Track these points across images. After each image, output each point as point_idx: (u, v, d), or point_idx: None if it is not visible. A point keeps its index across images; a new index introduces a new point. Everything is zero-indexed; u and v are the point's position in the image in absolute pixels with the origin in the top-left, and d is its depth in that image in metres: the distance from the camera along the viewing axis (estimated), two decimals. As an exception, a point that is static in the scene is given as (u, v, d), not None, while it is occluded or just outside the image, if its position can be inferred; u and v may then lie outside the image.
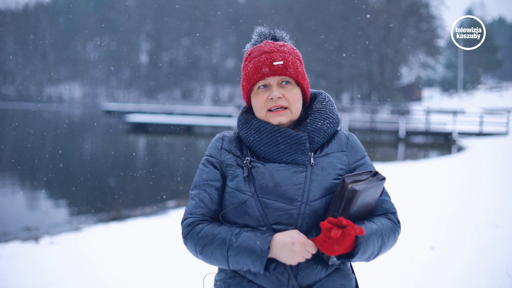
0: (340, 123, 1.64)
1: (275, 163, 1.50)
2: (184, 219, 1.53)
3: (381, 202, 1.54)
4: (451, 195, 8.10)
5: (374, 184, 1.45)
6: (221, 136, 1.62)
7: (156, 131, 28.39)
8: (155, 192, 11.59)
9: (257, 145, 1.52)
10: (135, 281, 4.44)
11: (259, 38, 1.63)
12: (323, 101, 1.62)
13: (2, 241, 6.46)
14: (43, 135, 27.29)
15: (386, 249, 1.49)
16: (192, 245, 1.48)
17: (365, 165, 1.58)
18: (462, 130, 23.29)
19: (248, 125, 1.56)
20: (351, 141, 1.61)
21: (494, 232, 5.54)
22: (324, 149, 1.55)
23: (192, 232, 1.48)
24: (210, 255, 1.44)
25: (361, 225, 1.43)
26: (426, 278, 4.15)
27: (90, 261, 5.15)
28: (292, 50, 1.58)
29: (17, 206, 10.23)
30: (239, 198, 1.48)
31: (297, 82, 1.55)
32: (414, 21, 44.28)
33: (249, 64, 1.56)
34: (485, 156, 14.78)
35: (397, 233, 1.53)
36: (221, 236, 1.43)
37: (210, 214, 1.52)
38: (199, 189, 1.54)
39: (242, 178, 1.49)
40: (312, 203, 1.45)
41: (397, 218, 1.56)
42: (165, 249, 5.58)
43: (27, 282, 4.45)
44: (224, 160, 1.55)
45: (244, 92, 1.60)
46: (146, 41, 73.29)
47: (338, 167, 1.53)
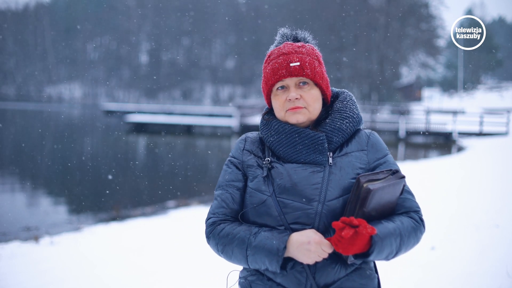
0: (361, 122, 1.64)
1: (294, 163, 1.52)
2: (207, 218, 1.58)
3: (402, 200, 1.54)
4: (451, 195, 8.10)
5: (392, 183, 1.44)
6: (244, 137, 1.66)
7: (156, 131, 28.38)
8: (155, 192, 11.59)
9: (276, 146, 1.55)
10: (135, 281, 4.44)
11: (281, 39, 1.66)
12: (344, 101, 1.63)
13: (2, 241, 6.45)
14: (43, 135, 27.29)
15: (406, 248, 1.49)
16: (214, 244, 1.53)
17: (386, 163, 1.57)
18: (462, 130, 23.29)
19: (268, 127, 1.59)
20: (371, 140, 1.61)
21: (494, 232, 5.54)
22: (343, 148, 1.56)
23: (214, 232, 1.53)
24: (231, 254, 1.49)
25: (378, 224, 1.42)
26: (426, 278, 4.15)
27: (90, 261, 5.15)
28: (311, 51, 1.59)
29: (17, 206, 10.22)
30: (258, 198, 1.51)
31: (315, 82, 1.56)
32: (414, 21, 44.26)
33: (267, 66, 1.59)
34: (485, 156, 14.78)
35: (419, 231, 1.52)
36: (241, 235, 1.47)
37: (232, 214, 1.56)
38: (222, 190, 1.59)
39: (262, 179, 1.53)
40: (329, 203, 1.46)
41: (420, 216, 1.55)
42: (165, 249, 5.59)
43: (27, 282, 4.45)
44: (246, 161, 1.59)
45: (264, 94, 1.64)
46: (146, 41, 73.31)
47: (357, 166, 1.53)
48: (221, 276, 4.70)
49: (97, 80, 72.72)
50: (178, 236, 6.30)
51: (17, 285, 4.37)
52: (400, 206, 1.54)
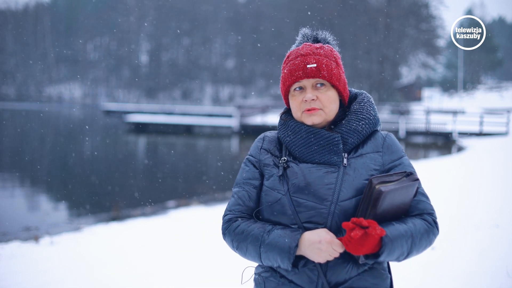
0: (378, 123, 1.65)
1: (309, 163, 1.55)
2: (224, 215, 1.62)
3: (416, 202, 1.55)
4: (451, 195, 8.10)
5: (405, 185, 1.45)
6: (263, 136, 1.69)
7: (156, 131, 28.38)
8: (155, 192, 11.60)
9: (292, 146, 1.58)
10: (135, 281, 4.44)
11: (301, 39, 1.68)
12: (361, 102, 1.64)
13: (2, 241, 6.46)
14: (43, 135, 27.29)
15: (418, 249, 1.50)
16: (229, 240, 1.57)
17: (401, 165, 1.58)
18: (462, 130, 23.27)
19: (285, 126, 1.62)
20: (387, 142, 1.61)
21: (494, 232, 5.54)
22: (358, 150, 1.57)
23: (229, 228, 1.56)
24: (245, 251, 1.52)
25: (389, 226, 1.44)
26: (426, 278, 4.15)
27: (90, 261, 5.15)
28: (329, 52, 1.61)
29: (17, 206, 10.23)
30: (273, 196, 1.54)
31: (331, 84, 1.58)
32: (414, 21, 44.27)
33: (286, 67, 1.62)
34: (485, 156, 14.77)
35: (432, 234, 1.52)
36: (255, 233, 1.50)
37: (248, 211, 1.59)
38: (239, 187, 1.63)
39: (277, 178, 1.56)
40: (342, 203, 1.48)
41: (434, 219, 1.55)
42: (165, 249, 5.59)
43: (27, 282, 4.45)
44: (263, 159, 1.62)
45: (282, 94, 1.66)
46: (146, 41, 73.30)
47: (371, 168, 1.54)
48: (221, 276, 4.72)
49: (97, 80, 72.73)
50: (178, 236, 6.30)
51: (17, 285, 4.37)
52: (414, 208, 1.55)
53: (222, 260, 4.80)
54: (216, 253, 5.14)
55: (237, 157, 19.56)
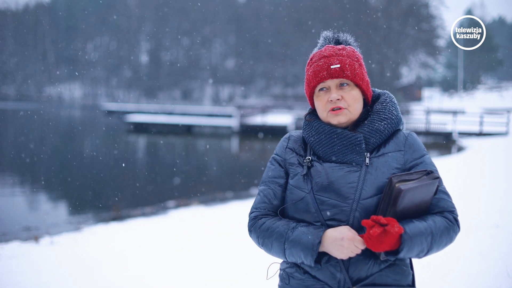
0: (401, 123, 1.68)
1: (332, 162, 1.59)
2: (250, 212, 1.67)
3: (437, 200, 1.58)
4: (451, 195, 8.09)
5: (425, 183, 1.47)
6: (288, 136, 1.74)
7: (156, 131, 28.38)
8: (155, 192, 11.60)
9: (316, 146, 1.63)
10: (135, 281, 4.44)
11: (323, 42, 1.73)
12: (384, 102, 1.68)
13: (2, 241, 6.46)
14: (43, 135, 27.29)
15: (438, 247, 1.53)
16: (255, 237, 1.62)
17: (423, 164, 1.60)
18: (462, 130, 23.27)
19: (310, 127, 1.67)
20: (409, 140, 1.64)
21: (494, 232, 5.54)
22: (380, 149, 1.61)
23: (255, 225, 1.62)
24: (270, 247, 1.57)
25: (409, 224, 1.47)
26: (426, 278, 4.15)
27: (90, 261, 5.15)
28: (352, 53, 1.66)
29: (17, 206, 10.23)
30: (297, 194, 1.59)
31: (355, 83, 1.62)
32: (414, 21, 44.27)
33: (310, 69, 1.67)
34: (485, 156, 14.77)
35: (452, 231, 1.55)
36: (279, 230, 1.55)
37: (273, 209, 1.64)
38: (265, 185, 1.67)
39: (301, 176, 1.60)
40: (364, 201, 1.52)
41: (455, 217, 1.58)
42: (165, 249, 5.59)
43: (27, 282, 4.45)
44: (288, 159, 1.67)
45: (307, 95, 1.70)
46: (146, 41, 73.30)
47: (393, 166, 1.58)
48: (221, 275, 4.72)
49: (97, 80, 72.70)
50: (178, 236, 6.30)
51: (17, 285, 4.37)
52: (435, 206, 1.58)
53: (222, 260, 4.80)
54: (216, 253, 5.14)
55: (237, 157, 19.56)
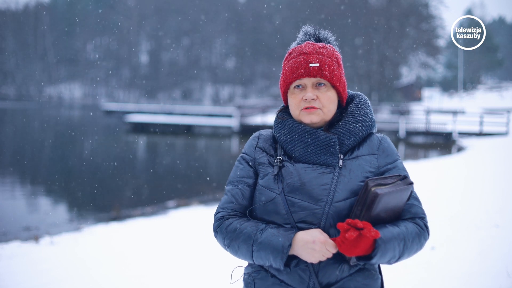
0: (374, 126, 1.64)
1: (305, 163, 1.54)
2: (216, 212, 1.59)
3: (409, 206, 1.55)
4: (451, 195, 8.09)
5: (399, 188, 1.45)
6: (258, 134, 1.68)
7: (156, 131, 28.37)
8: (155, 192, 11.59)
9: (288, 145, 1.57)
10: (135, 281, 4.44)
11: (303, 37, 1.67)
12: (359, 104, 1.64)
13: (2, 241, 6.45)
14: (43, 135, 27.29)
15: (409, 253, 1.50)
16: (221, 238, 1.54)
17: (396, 168, 1.58)
18: (462, 130, 23.28)
19: (282, 125, 1.61)
20: (383, 144, 1.61)
21: (494, 232, 5.54)
22: (354, 151, 1.57)
23: (221, 226, 1.54)
24: (237, 249, 1.50)
25: (383, 229, 1.44)
26: (426, 278, 4.15)
27: (90, 261, 5.15)
28: (332, 53, 1.60)
29: (17, 206, 10.22)
30: (267, 195, 1.53)
31: (332, 84, 1.57)
32: (414, 21, 44.26)
33: (287, 64, 1.60)
34: (485, 156, 14.77)
35: (423, 238, 1.52)
36: (247, 231, 1.48)
37: (241, 209, 1.57)
38: (232, 185, 1.60)
39: (272, 177, 1.54)
40: (337, 204, 1.48)
41: (425, 223, 1.55)
42: (165, 249, 5.59)
43: (27, 282, 4.44)
44: (257, 158, 1.61)
45: (281, 90, 1.65)
46: (146, 41, 73.29)
47: (366, 170, 1.54)
48: (221, 275, 4.71)
49: (97, 80, 72.67)
50: (178, 236, 6.30)
51: (17, 285, 4.37)
52: (406, 211, 1.55)
53: (223, 260, 4.80)
54: (216, 253, 5.14)
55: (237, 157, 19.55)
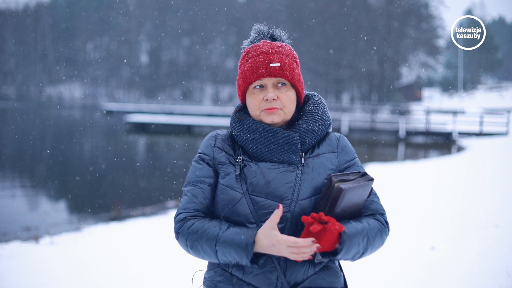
0: (331, 125, 1.65)
1: (267, 162, 1.52)
2: (177, 214, 1.54)
3: (369, 203, 1.56)
4: (451, 195, 8.10)
5: (361, 184, 1.46)
6: (214, 134, 1.63)
7: (156, 131, 28.38)
8: (155, 192, 11.59)
9: (249, 144, 1.54)
10: (135, 281, 4.44)
11: (257, 36, 1.63)
12: (316, 103, 1.64)
13: (2, 241, 6.45)
14: (43, 135, 27.29)
15: (372, 249, 1.50)
16: (183, 240, 1.49)
17: (355, 166, 1.60)
18: (462, 130, 23.29)
19: (240, 124, 1.57)
20: (342, 143, 1.63)
21: (494, 232, 5.54)
22: (315, 150, 1.57)
23: (183, 227, 1.49)
24: (200, 249, 1.46)
25: (347, 224, 1.44)
26: (426, 278, 4.15)
27: (90, 261, 5.15)
28: (290, 52, 1.59)
29: (17, 206, 10.22)
30: (230, 195, 1.49)
31: (292, 84, 1.56)
32: (414, 21, 44.28)
33: (246, 63, 1.57)
34: (485, 156, 14.77)
35: (384, 234, 1.53)
36: (210, 231, 1.44)
37: (203, 209, 1.53)
38: (192, 185, 1.55)
39: (234, 176, 1.51)
40: (302, 202, 1.47)
41: (386, 219, 1.56)
42: (165, 249, 5.58)
43: (27, 282, 4.45)
44: (217, 157, 1.56)
45: (239, 90, 1.61)
46: (146, 41, 73.26)
47: (328, 168, 1.55)
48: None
49: (97, 80, 72.66)
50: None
51: (17, 285, 4.37)
52: (366, 208, 1.55)
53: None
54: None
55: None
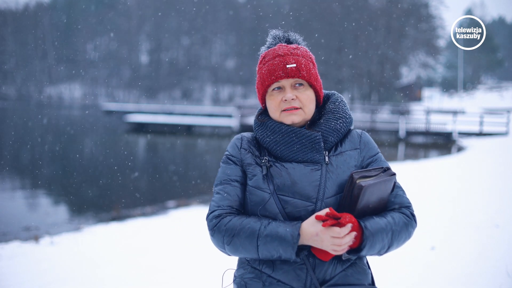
0: (352, 122, 1.68)
1: (292, 162, 1.56)
2: (210, 212, 1.56)
3: (394, 196, 1.58)
4: (451, 195, 8.10)
5: (383, 180, 1.48)
6: (240, 136, 1.68)
7: (156, 131, 28.37)
8: (155, 192, 11.60)
9: (273, 146, 1.58)
10: (135, 281, 4.44)
11: (273, 41, 1.69)
12: (336, 102, 1.68)
13: (2, 241, 6.45)
14: (43, 135, 27.29)
15: (399, 243, 1.52)
16: (219, 237, 1.50)
17: (378, 161, 1.63)
18: (462, 130, 23.28)
19: (263, 127, 1.61)
20: (364, 139, 1.66)
21: (494, 232, 5.55)
22: (337, 148, 1.61)
23: (219, 224, 1.51)
24: (238, 246, 1.47)
25: (370, 220, 1.46)
26: (426, 278, 4.15)
27: (90, 261, 5.15)
28: (305, 53, 1.63)
29: (17, 206, 10.22)
30: (259, 196, 1.53)
31: (310, 84, 1.60)
32: (414, 21, 44.28)
33: (263, 67, 1.63)
34: (485, 156, 14.77)
35: (410, 227, 1.55)
36: (251, 226, 1.46)
37: (237, 206, 1.56)
38: (224, 184, 1.59)
39: (261, 177, 1.54)
40: (328, 200, 1.50)
41: (411, 212, 1.58)
42: (165, 249, 5.59)
43: (27, 282, 4.45)
44: (244, 158, 1.60)
45: (259, 94, 1.67)
46: (146, 41, 73.25)
47: (352, 165, 1.58)
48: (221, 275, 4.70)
49: (97, 80, 72.65)
50: (178, 236, 6.30)
51: (17, 285, 4.37)
52: (391, 202, 1.57)
53: (223, 259, 4.80)
54: (216, 253, 5.14)
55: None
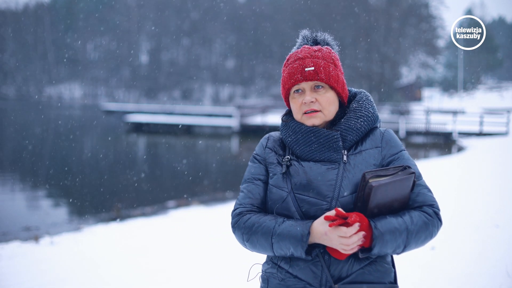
0: (378, 120, 1.69)
1: (310, 161, 1.60)
2: (234, 209, 1.64)
3: (415, 195, 1.56)
4: (451, 195, 8.10)
5: (398, 179, 1.46)
6: (268, 136, 1.75)
7: (156, 131, 28.37)
8: (155, 192, 11.60)
9: (294, 145, 1.63)
10: (135, 281, 4.44)
11: (302, 41, 1.75)
12: (360, 100, 1.69)
13: (2, 241, 6.46)
14: (43, 135, 27.29)
15: (417, 242, 1.51)
16: (240, 234, 1.58)
17: (400, 159, 1.61)
18: (462, 130, 23.27)
19: (286, 127, 1.67)
20: (386, 137, 1.66)
21: (494, 232, 5.55)
22: (358, 147, 1.62)
23: (240, 222, 1.58)
24: (256, 243, 1.54)
25: (381, 220, 1.46)
26: (426, 278, 4.15)
27: (90, 261, 5.15)
28: (327, 54, 1.65)
29: (17, 206, 10.23)
30: (277, 194, 1.59)
31: (330, 85, 1.62)
32: (414, 21, 44.30)
33: (285, 70, 1.67)
34: (485, 156, 14.77)
35: (431, 225, 1.53)
36: (266, 224, 1.53)
37: (259, 204, 1.63)
38: (248, 182, 1.66)
39: (281, 175, 1.60)
40: (343, 199, 1.52)
41: (435, 210, 1.56)
42: (165, 249, 5.59)
43: (27, 282, 4.45)
44: (267, 158, 1.67)
45: (283, 96, 1.72)
46: (146, 41, 73.25)
47: (371, 163, 1.58)
48: (221, 275, 4.71)
49: (97, 80, 72.65)
50: (178, 236, 6.31)
51: (18, 285, 4.37)
52: (413, 201, 1.56)
53: (223, 259, 4.81)
54: (216, 253, 5.14)
55: (237, 157, 19.58)
